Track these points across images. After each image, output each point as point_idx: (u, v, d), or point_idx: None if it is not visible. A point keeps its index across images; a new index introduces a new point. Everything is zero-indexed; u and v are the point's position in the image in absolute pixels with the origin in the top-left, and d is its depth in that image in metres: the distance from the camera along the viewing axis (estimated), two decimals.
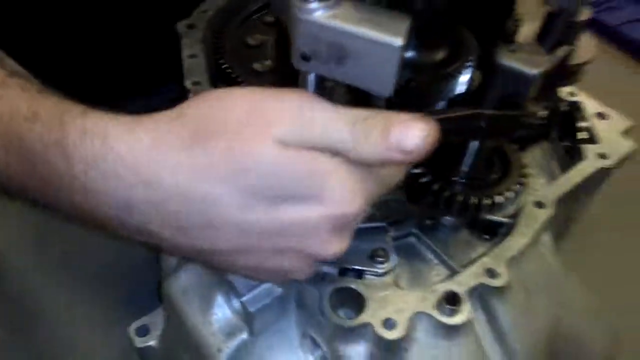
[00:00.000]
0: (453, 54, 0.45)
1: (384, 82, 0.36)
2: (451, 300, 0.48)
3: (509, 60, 0.43)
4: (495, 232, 0.60)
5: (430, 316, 0.48)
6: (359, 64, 0.36)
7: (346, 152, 0.35)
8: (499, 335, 0.54)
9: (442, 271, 0.56)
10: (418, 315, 0.49)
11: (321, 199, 0.36)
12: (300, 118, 0.35)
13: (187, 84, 0.73)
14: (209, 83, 0.73)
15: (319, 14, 0.35)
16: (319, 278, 0.51)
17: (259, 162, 0.35)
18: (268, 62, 0.79)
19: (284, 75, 0.58)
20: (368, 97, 0.40)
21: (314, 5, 0.36)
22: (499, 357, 0.53)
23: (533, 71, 0.42)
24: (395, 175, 0.39)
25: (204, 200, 0.36)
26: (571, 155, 0.68)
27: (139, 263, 0.72)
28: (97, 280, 0.76)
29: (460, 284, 0.51)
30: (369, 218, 0.53)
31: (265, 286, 0.51)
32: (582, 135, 0.68)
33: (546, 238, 0.60)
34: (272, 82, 0.75)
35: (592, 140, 0.68)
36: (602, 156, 0.65)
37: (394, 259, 0.52)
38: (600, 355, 0.59)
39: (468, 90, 0.49)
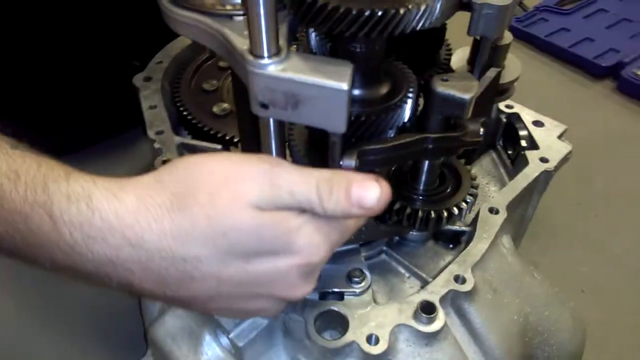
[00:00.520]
0: (395, 87, 0.50)
1: (337, 121, 0.41)
2: (427, 309, 0.52)
3: (443, 88, 0.48)
4: (458, 240, 0.65)
5: (409, 327, 0.52)
6: (313, 108, 0.40)
7: (312, 209, 0.40)
8: (474, 335, 0.58)
9: (415, 283, 0.60)
10: (398, 327, 0.52)
11: (290, 251, 0.41)
12: (270, 185, 0.40)
13: (151, 134, 0.76)
14: (172, 131, 0.77)
15: (271, 68, 0.40)
16: (302, 305, 0.54)
17: (235, 226, 0.39)
18: (226, 105, 0.83)
19: (243, 117, 0.62)
20: (325, 132, 0.45)
21: (266, 60, 0.40)
22: (477, 355, 0.57)
23: (465, 96, 0.47)
24: (355, 225, 0.44)
25: (186, 259, 0.40)
26: (516, 162, 0.75)
27: (122, 310, 0.72)
28: (83, 330, 0.76)
29: (433, 293, 0.55)
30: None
31: (251, 320, 0.54)
32: (524, 143, 0.75)
33: (505, 239, 0.66)
34: (232, 123, 0.79)
35: (533, 146, 0.75)
36: (544, 160, 0.71)
37: (369, 278, 0.56)
38: (569, 341, 0.64)
39: (414, 115, 0.54)
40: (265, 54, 0.40)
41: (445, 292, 0.55)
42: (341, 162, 0.45)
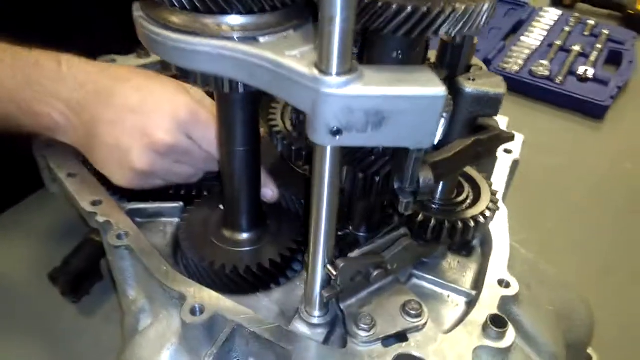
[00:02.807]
0: None
1: (427, 134, 0.36)
2: (497, 323, 0.49)
3: (475, 87, 0.46)
4: (469, 246, 0.63)
5: (486, 347, 0.48)
6: (399, 124, 0.35)
7: None
8: (526, 337, 0.56)
9: (458, 299, 0.57)
10: (475, 351, 0.48)
11: None
12: None
13: (85, 206, 0.63)
14: None
15: (353, 85, 0.33)
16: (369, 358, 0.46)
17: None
18: None
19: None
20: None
21: (341, 78, 0.33)
22: (534, 356, 0.55)
23: (500, 91, 0.46)
24: None
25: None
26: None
27: None
28: None
29: (490, 306, 0.52)
30: (383, 275, 0.51)
31: None
32: None
33: None
34: None
35: None
36: (508, 151, 0.74)
37: (425, 308, 0.51)
38: (588, 316, 0.66)
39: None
40: (337, 71, 0.33)
41: (499, 299, 0.52)
42: (419, 179, 0.40)
